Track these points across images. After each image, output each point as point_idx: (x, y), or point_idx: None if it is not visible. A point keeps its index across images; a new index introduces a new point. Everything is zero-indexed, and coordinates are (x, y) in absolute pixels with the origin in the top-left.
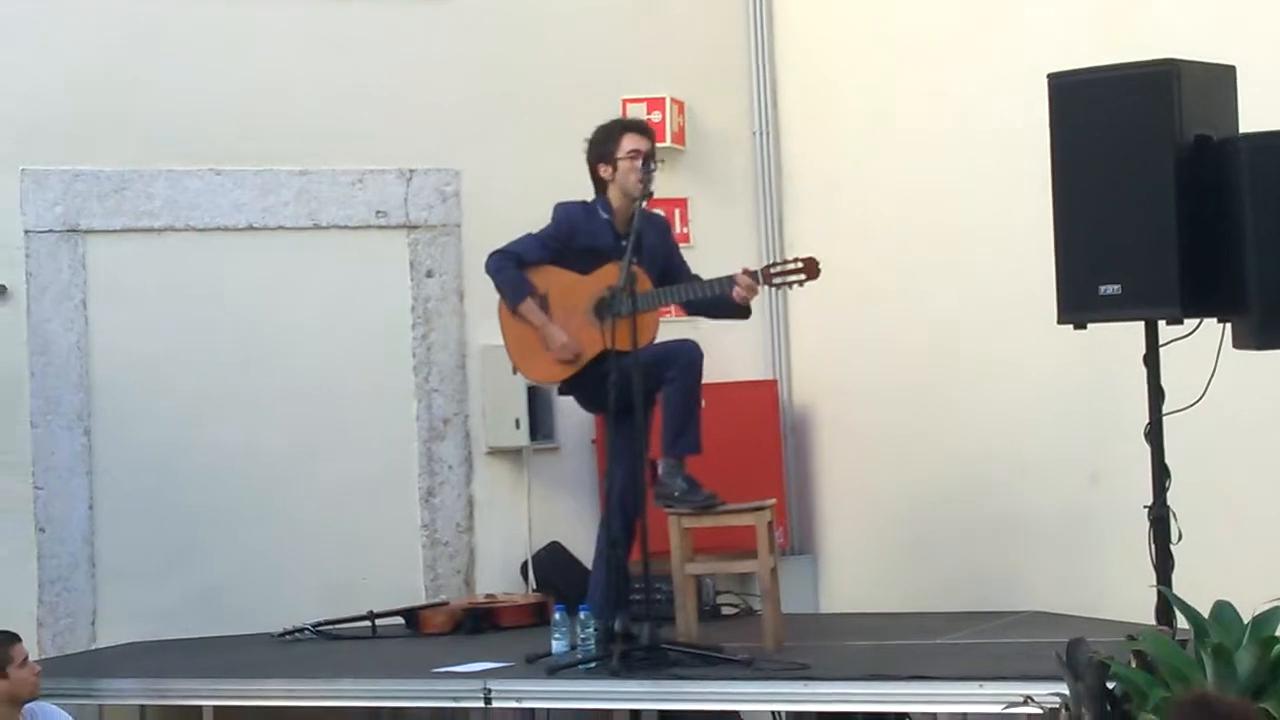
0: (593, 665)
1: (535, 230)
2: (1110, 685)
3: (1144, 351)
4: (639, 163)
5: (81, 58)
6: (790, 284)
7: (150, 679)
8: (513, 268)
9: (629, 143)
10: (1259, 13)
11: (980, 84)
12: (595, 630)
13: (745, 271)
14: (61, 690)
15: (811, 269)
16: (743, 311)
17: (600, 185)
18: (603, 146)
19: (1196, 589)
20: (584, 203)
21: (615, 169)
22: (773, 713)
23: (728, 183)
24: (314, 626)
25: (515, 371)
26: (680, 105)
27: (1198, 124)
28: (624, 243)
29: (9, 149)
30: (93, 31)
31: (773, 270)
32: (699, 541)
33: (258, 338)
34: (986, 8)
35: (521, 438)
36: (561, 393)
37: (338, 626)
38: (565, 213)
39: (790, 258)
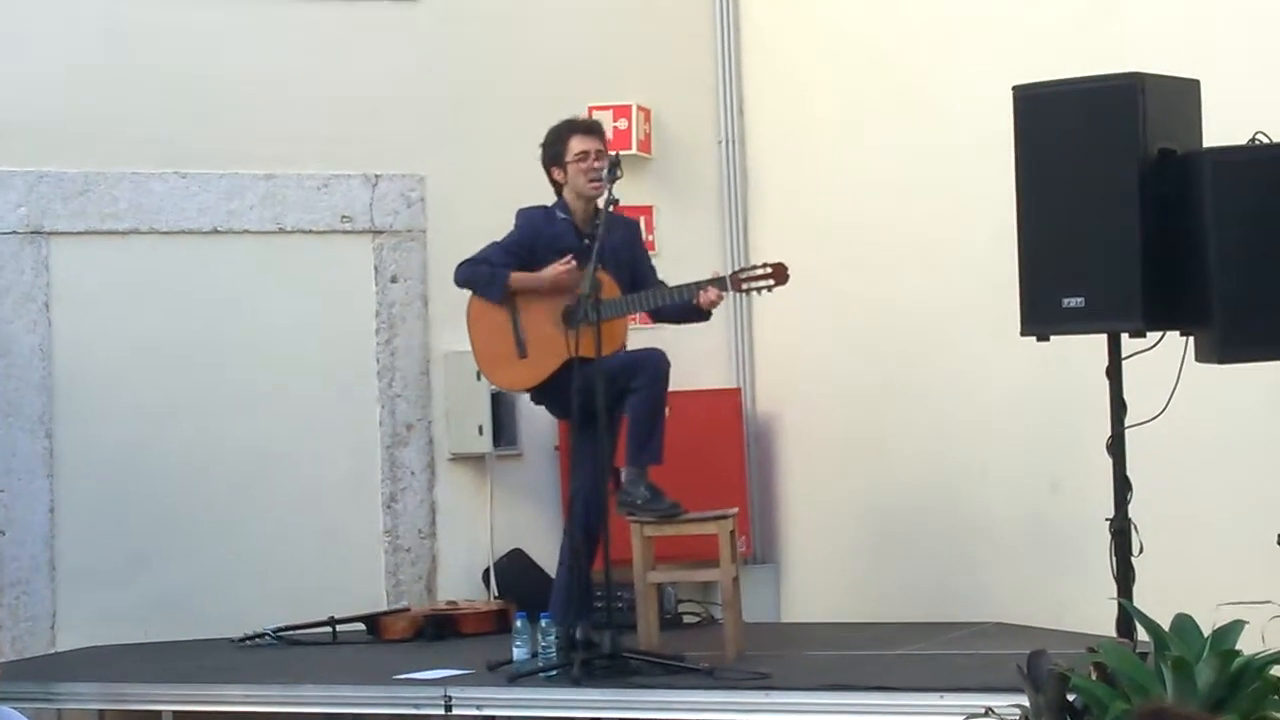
0: (554, 673)
1: (499, 238)
2: (1070, 697)
3: (1107, 364)
4: (586, 163)
5: (46, 59)
6: (759, 289)
7: (110, 683)
8: (483, 267)
9: (576, 144)
10: (1224, 27)
11: (948, 93)
12: (556, 638)
13: (713, 277)
14: (20, 694)
15: (780, 275)
16: (704, 315)
17: (557, 188)
18: (553, 149)
19: (1157, 602)
20: (544, 207)
21: (566, 172)
22: None
23: (694, 190)
24: (275, 632)
25: (479, 378)
26: (647, 113)
27: (1162, 138)
28: (587, 241)
29: None
30: (58, 33)
31: (741, 276)
32: (661, 550)
33: (221, 342)
34: (955, 17)
35: (484, 444)
36: (535, 401)
37: (299, 632)
38: (527, 218)
39: (759, 263)
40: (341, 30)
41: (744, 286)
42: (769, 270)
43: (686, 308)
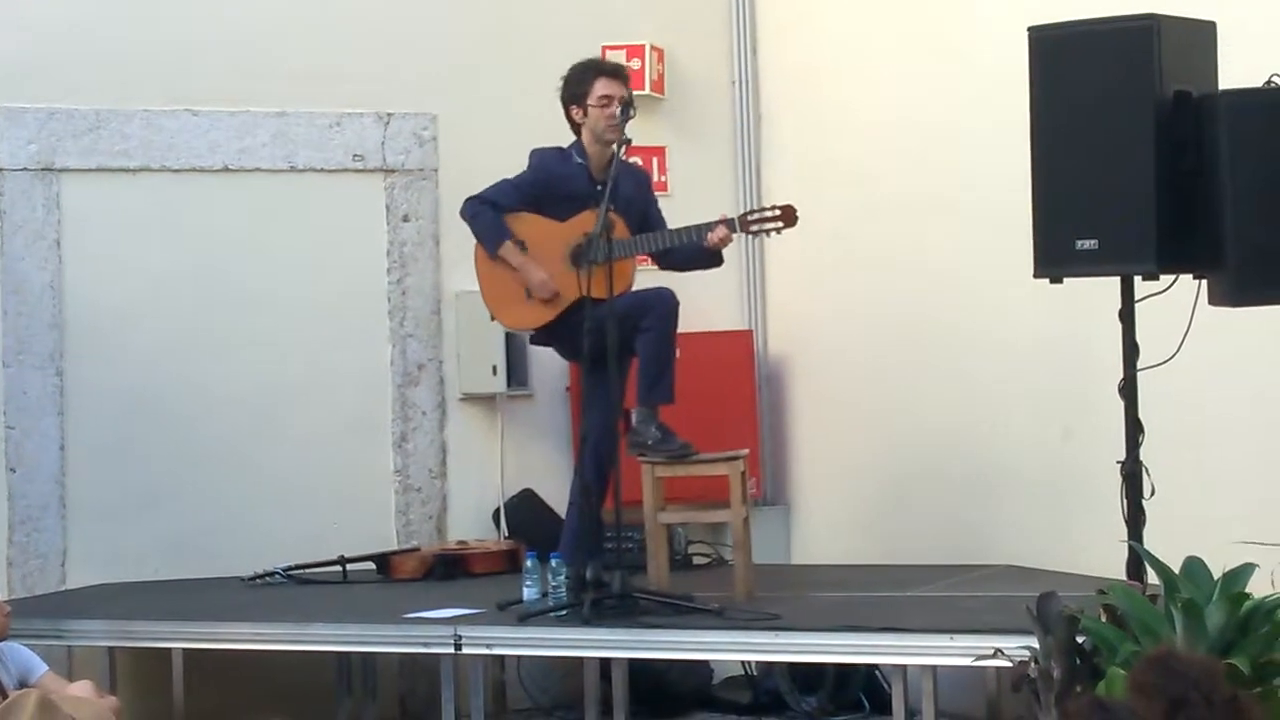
0: (564, 613)
1: (511, 177)
2: (1080, 639)
3: (1120, 307)
4: (609, 109)
5: None
6: (767, 231)
7: (119, 621)
8: (489, 212)
9: (601, 87)
10: None
11: (963, 34)
12: (566, 578)
13: (722, 219)
14: (30, 631)
15: (789, 217)
16: (715, 260)
17: (575, 128)
18: (575, 87)
19: (1168, 544)
20: (559, 148)
21: (586, 113)
22: (743, 663)
23: (706, 131)
24: (284, 570)
25: (493, 319)
26: (660, 53)
27: (1177, 80)
28: (600, 187)
29: None
30: None
31: (750, 218)
32: (671, 491)
33: (232, 280)
34: None
35: (496, 384)
36: (534, 342)
37: (308, 571)
38: (540, 159)
39: (768, 205)
40: None
41: (752, 228)
42: (778, 212)
43: (695, 253)
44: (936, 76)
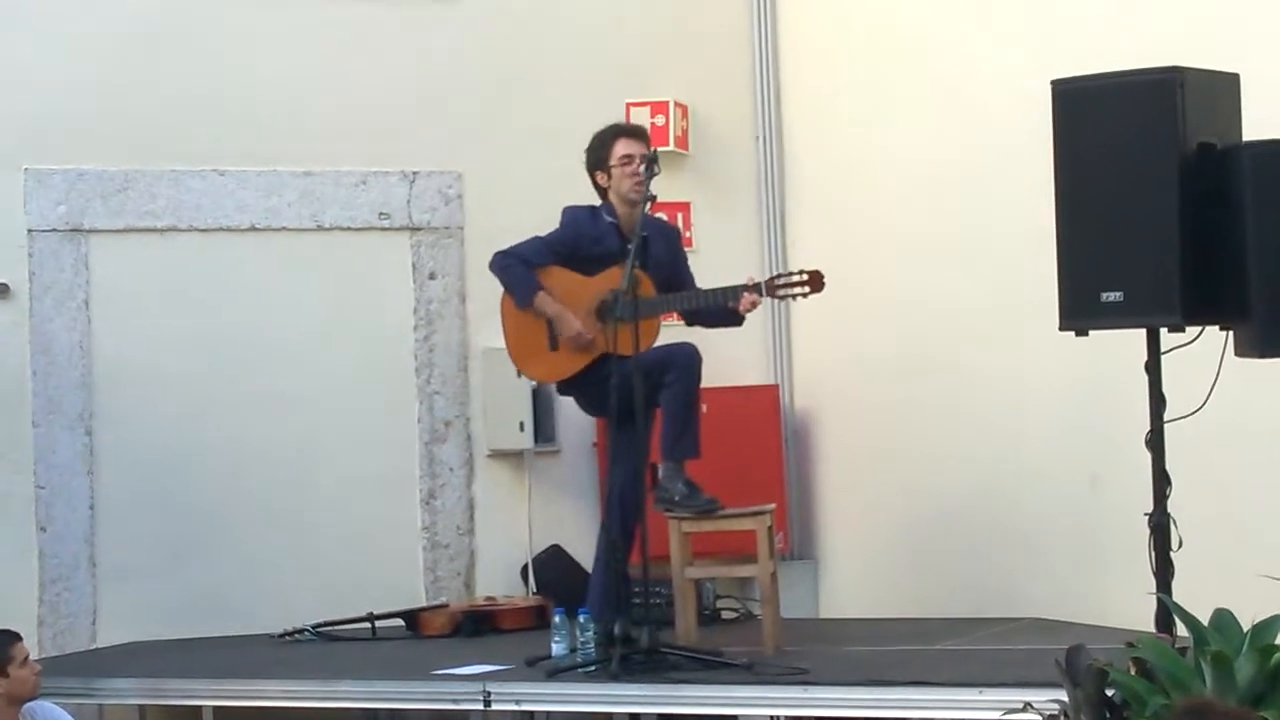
0: (592, 668)
1: (542, 234)
2: (1109, 692)
3: (1146, 359)
4: (631, 167)
5: (85, 57)
6: (794, 296)
7: (150, 679)
8: (520, 266)
9: (621, 148)
10: (1263, 20)
11: (985, 90)
12: (595, 633)
13: (749, 284)
14: (61, 689)
15: (816, 282)
16: (737, 320)
17: (601, 193)
18: (597, 153)
19: (1196, 597)
20: (591, 207)
21: (610, 176)
22: (771, 717)
23: (731, 187)
24: (314, 628)
25: (520, 375)
26: (684, 109)
27: (1201, 132)
28: (630, 246)
29: (12, 148)
30: (97, 30)
31: (777, 283)
32: (699, 546)
33: (260, 339)
34: (991, 13)
35: (524, 440)
36: (561, 392)
37: (337, 628)
38: (572, 216)
39: (795, 270)
40: (379, 27)
41: (779, 293)
42: (805, 277)
43: (721, 312)
44: (960, 128)
